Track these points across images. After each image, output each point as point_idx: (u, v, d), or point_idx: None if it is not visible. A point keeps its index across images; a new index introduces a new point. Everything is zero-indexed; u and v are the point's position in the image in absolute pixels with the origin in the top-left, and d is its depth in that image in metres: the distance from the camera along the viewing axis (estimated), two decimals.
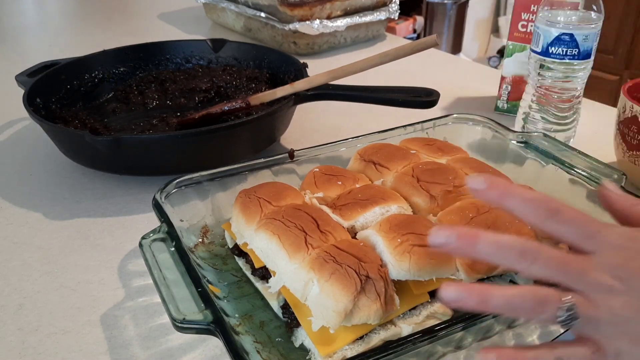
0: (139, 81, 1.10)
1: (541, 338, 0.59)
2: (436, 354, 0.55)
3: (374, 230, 0.58)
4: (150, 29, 1.65)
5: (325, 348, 0.52)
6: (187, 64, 1.15)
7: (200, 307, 0.51)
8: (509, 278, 0.63)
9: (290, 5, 1.32)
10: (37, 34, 1.66)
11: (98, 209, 0.81)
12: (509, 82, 1.05)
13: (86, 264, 0.70)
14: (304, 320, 0.54)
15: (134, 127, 0.96)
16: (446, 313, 0.58)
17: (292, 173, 0.76)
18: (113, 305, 0.63)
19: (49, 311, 0.63)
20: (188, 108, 1.04)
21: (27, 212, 0.80)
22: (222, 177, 0.71)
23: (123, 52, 1.11)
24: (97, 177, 0.87)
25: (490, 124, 0.84)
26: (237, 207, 0.64)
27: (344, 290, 0.50)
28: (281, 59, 1.07)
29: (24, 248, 0.73)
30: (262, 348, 0.55)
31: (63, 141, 0.86)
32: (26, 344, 0.59)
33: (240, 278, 0.65)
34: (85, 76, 1.06)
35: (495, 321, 0.55)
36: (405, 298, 0.56)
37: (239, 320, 0.59)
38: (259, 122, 0.83)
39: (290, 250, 0.55)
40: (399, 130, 0.83)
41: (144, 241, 0.59)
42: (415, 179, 0.67)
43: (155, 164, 0.83)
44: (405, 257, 0.54)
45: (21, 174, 0.90)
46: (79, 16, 1.89)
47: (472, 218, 0.60)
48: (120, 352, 0.57)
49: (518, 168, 0.80)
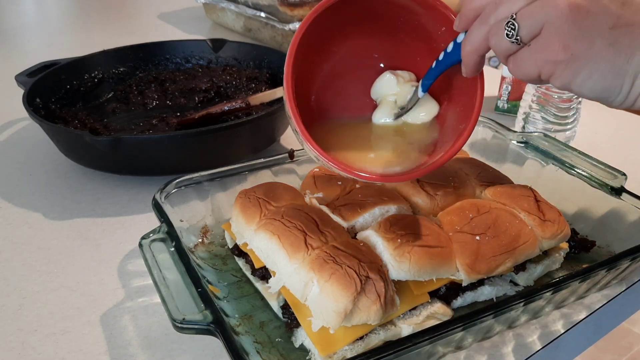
0: (138, 81, 1.10)
1: (541, 338, 0.59)
2: (436, 354, 0.55)
3: (374, 231, 0.58)
4: (150, 29, 1.65)
5: (325, 348, 0.52)
6: (187, 64, 1.15)
7: (200, 308, 0.51)
8: (509, 278, 0.63)
9: (290, 5, 1.32)
10: (36, 34, 1.66)
11: (98, 209, 0.80)
12: (509, 82, 1.05)
13: (86, 264, 0.70)
14: (304, 320, 0.54)
15: (134, 127, 0.96)
16: (446, 313, 0.58)
17: (292, 173, 0.76)
18: (113, 305, 0.63)
19: (49, 311, 0.63)
20: (188, 108, 1.04)
21: (27, 212, 0.80)
22: (222, 177, 0.71)
23: (123, 52, 1.11)
24: (97, 177, 0.87)
25: (490, 124, 0.84)
26: (237, 207, 0.64)
27: (344, 290, 0.50)
28: (281, 59, 1.06)
29: (24, 248, 0.73)
30: (262, 348, 0.55)
31: (63, 141, 0.86)
32: (26, 344, 0.59)
33: (240, 278, 0.65)
34: (85, 76, 1.06)
35: (495, 321, 0.55)
36: (405, 298, 0.56)
37: (239, 321, 0.58)
38: (259, 122, 0.83)
39: (290, 250, 0.55)
40: None
41: (143, 241, 0.59)
42: (415, 179, 0.67)
43: (155, 164, 0.83)
44: (405, 258, 0.54)
45: (21, 174, 0.90)
46: (78, 16, 1.89)
47: (472, 218, 0.60)
48: (120, 352, 0.57)
49: (518, 168, 0.80)
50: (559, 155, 0.76)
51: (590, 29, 0.40)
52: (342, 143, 0.55)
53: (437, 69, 0.53)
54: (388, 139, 0.56)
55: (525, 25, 0.42)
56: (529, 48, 0.43)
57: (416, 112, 0.56)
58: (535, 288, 0.58)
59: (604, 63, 0.40)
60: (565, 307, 0.62)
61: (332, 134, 0.56)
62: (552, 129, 0.91)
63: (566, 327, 0.60)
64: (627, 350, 1.86)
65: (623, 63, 0.40)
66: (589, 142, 0.96)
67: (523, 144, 0.81)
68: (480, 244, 0.58)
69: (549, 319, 0.61)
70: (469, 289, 0.61)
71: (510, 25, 0.43)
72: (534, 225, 0.62)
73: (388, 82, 0.56)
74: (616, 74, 0.41)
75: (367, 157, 0.54)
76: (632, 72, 0.40)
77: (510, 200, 0.64)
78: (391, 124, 0.56)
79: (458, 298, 0.60)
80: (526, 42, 0.43)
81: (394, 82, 0.56)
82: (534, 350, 0.57)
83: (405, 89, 0.56)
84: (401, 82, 0.56)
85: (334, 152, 0.53)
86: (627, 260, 0.59)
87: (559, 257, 0.66)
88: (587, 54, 0.40)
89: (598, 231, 0.69)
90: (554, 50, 0.41)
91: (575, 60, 0.41)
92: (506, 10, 0.43)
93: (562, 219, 0.64)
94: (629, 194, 0.68)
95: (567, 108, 0.90)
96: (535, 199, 0.65)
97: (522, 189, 0.67)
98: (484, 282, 0.61)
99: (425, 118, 0.56)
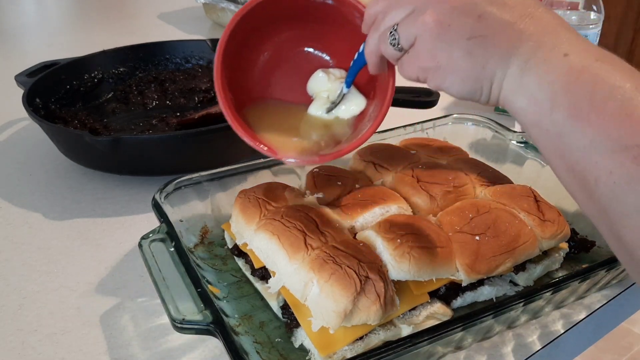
0: (138, 81, 1.10)
1: (541, 338, 0.59)
2: (436, 354, 0.55)
3: (374, 231, 0.58)
4: (150, 29, 1.65)
5: (325, 348, 0.52)
6: (186, 64, 1.15)
7: (200, 308, 0.51)
8: (509, 278, 0.63)
9: None
10: (36, 34, 1.66)
11: (98, 209, 0.80)
12: None
13: (86, 264, 0.70)
14: (304, 320, 0.54)
15: (134, 127, 0.96)
16: (446, 313, 0.59)
17: (292, 173, 0.76)
18: (113, 305, 0.63)
19: (49, 311, 0.63)
20: (188, 108, 1.04)
21: (27, 212, 0.80)
22: (222, 177, 0.71)
23: (123, 52, 1.11)
24: (97, 177, 0.87)
25: (490, 124, 0.84)
26: (236, 207, 0.64)
27: (344, 290, 0.50)
28: None
29: (24, 248, 0.73)
30: (262, 348, 0.55)
31: (63, 141, 0.86)
32: (26, 344, 0.59)
33: (240, 278, 0.65)
34: (84, 76, 1.06)
35: (495, 321, 0.55)
36: (405, 298, 0.56)
37: (239, 321, 0.59)
38: None
39: (290, 250, 0.55)
40: (399, 131, 0.83)
41: (143, 241, 0.59)
42: (415, 179, 0.67)
43: (154, 164, 0.83)
44: (405, 258, 0.54)
45: (21, 174, 0.90)
46: (78, 16, 1.89)
47: (472, 218, 0.60)
48: (120, 352, 0.57)
49: (518, 168, 0.80)
50: None
51: (450, 41, 0.45)
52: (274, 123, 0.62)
53: (354, 67, 0.58)
54: (314, 129, 0.61)
55: (403, 37, 0.48)
56: (408, 55, 0.49)
57: (346, 107, 0.61)
58: (535, 288, 0.58)
59: (463, 70, 0.46)
60: (565, 307, 0.62)
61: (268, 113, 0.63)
62: None
63: (566, 327, 0.60)
64: (627, 350, 1.86)
65: (480, 70, 0.45)
66: None
67: (523, 144, 0.81)
68: (480, 244, 0.58)
69: (549, 319, 0.61)
70: (469, 289, 0.61)
71: (392, 35, 0.48)
72: (533, 225, 0.62)
73: (320, 79, 0.62)
74: (475, 79, 0.46)
75: (290, 140, 0.60)
76: (488, 77, 0.45)
77: (510, 200, 0.64)
78: (323, 117, 0.62)
79: (458, 298, 0.60)
80: (407, 50, 0.48)
81: (325, 79, 0.62)
82: (534, 350, 0.58)
83: (336, 85, 0.61)
84: (332, 79, 0.62)
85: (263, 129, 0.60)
86: None
87: (559, 257, 0.66)
88: (448, 63, 0.46)
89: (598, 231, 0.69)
90: (424, 59, 0.47)
91: (440, 68, 0.47)
92: (390, 21, 0.49)
93: (562, 219, 0.64)
94: None
95: None
96: (535, 199, 0.65)
97: (521, 189, 0.67)
98: (483, 282, 0.61)
99: (354, 112, 0.61)
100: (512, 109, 0.45)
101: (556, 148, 0.43)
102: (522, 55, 0.43)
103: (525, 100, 0.44)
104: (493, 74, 0.45)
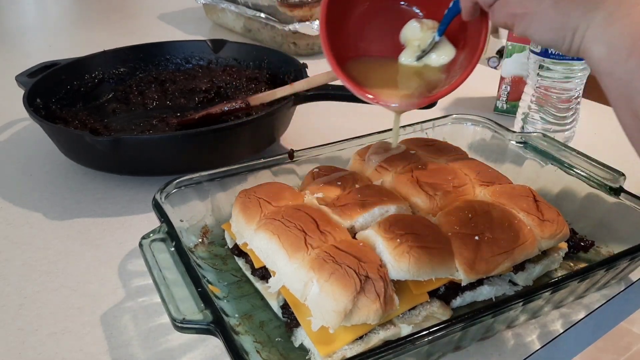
0: (138, 81, 1.10)
1: (540, 338, 0.59)
2: (436, 354, 0.55)
3: (374, 231, 0.58)
4: (150, 29, 1.65)
5: (325, 348, 0.52)
6: (187, 65, 1.15)
7: (200, 307, 0.51)
8: (508, 278, 0.64)
9: (290, 6, 1.32)
10: (37, 35, 1.67)
11: (98, 209, 0.81)
12: (509, 82, 1.05)
13: (86, 264, 0.70)
14: (304, 320, 0.54)
15: (134, 127, 0.96)
16: (445, 313, 0.59)
17: (292, 173, 0.76)
18: (113, 305, 0.64)
19: (49, 311, 0.63)
20: (188, 108, 1.04)
21: (27, 212, 0.80)
22: (222, 177, 0.71)
23: (123, 52, 1.11)
24: (97, 177, 0.87)
25: (489, 124, 0.84)
26: (237, 207, 0.64)
27: (344, 290, 0.50)
28: (281, 60, 1.08)
29: (24, 248, 0.73)
30: (262, 348, 0.56)
31: (63, 141, 0.86)
32: (26, 344, 0.59)
33: (240, 278, 0.65)
34: (85, 76, 1.06)
35: (494, 321, 0.55)
36: (405, 298, 0.56)
37: (239, 320, 0.59)
38: (258, 122, 0.83)
39: (290, 250, 0.55)
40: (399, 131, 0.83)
41: (143, 241, 0.59)
42: (414, 180, 0.67)
43: (155, 164, 0.83)
44: (404, 257, 0.54)
45: (21, 174, 0.90)
46: (79, 16, 1.89)
47: (471, 218, 0.60)
48: (120, 352, 0.58)
49: (517, 168, 0.80)
50: (558, 156, 0.76)
51: None
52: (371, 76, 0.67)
53: (448, 14, 0.62)
54: (407, 77, 0.66)
55: None
56: (499, 1, 0.53)
57: (436, 55, 0.66)
58: (534, 288, 0.58)
59: (549, 18, 0.49)
60: (564, 307, 0.63)
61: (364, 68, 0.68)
62: (551, 129, 0.91)
63: (565, 326, 0.60)
64: (626, 350, 1.86)
65: (565, 19, 0.49)
66: (588, 143, 0.96)
67: (522, 144, 0.81)
68: (480, 244, 0.58)
69: (548, 318, 0.61)
70: (468, 289, 0.61)
71: None
72: (533, 225, 0.62)
73: (414, 28, 0.67)
74: (560, 28, 0.49)
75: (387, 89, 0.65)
76: (572, 26, 0.48)
77: (509, 200, 0.64)
78: (414, 65, 0.67)
79: (457, 298, 0.60)
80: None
81: (418, 28, 0.67)
82: (533, 349, 0.58)
83: (428, 35, 0.66)
84: (424, 29, 0.66)
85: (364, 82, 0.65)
86: (626, 260, 0.60)
87: (558, 257, 0.66)
88: (536, 11, 0.50)
89: (597, 231, 0.69)
90: (514, 6, 0.52)
91: (528, 15, 0.51)
92: None
93: (561, 219, 0.64)
94: (628, 194, 0.68)
95: (566, 108, 0.90)
96: (534, 199, 0.65)
97: (521, 189, 0.67)
98: (483, 281, 0.61)
99: (444, 60, 0.66)
100: (590, 57, 0.48)
101: (625, 95, 0.45)
102: (606, 8, 0.46)
103: (604, 49, 0.46)
104: (577, 24, 0.48)
